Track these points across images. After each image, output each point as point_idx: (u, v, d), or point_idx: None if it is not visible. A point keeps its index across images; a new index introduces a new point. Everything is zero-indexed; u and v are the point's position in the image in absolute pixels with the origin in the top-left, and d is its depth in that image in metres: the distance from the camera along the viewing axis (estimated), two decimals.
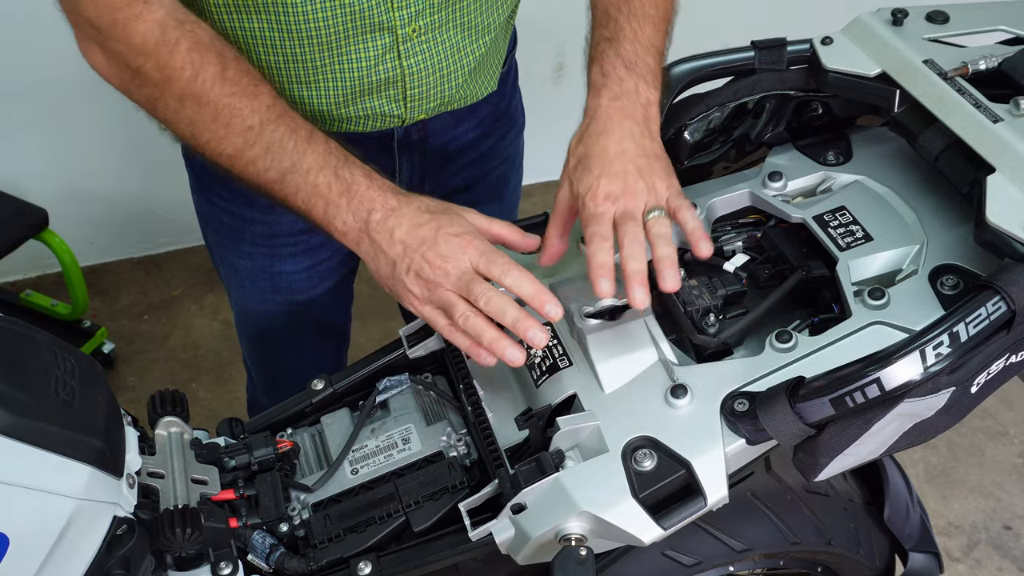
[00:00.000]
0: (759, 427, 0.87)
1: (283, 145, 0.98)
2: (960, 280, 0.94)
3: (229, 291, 1.42)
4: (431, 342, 1.08)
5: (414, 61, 1.12)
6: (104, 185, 2.61)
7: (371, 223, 0.97)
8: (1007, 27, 1.07)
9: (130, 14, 0.94)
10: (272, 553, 0.94)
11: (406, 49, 1.11)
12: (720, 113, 1.12)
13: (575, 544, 0.87)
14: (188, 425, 1.01)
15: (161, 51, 0.95)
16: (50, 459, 0.76)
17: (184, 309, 2.62)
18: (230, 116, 0.97)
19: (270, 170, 0.98)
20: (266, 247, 1.30)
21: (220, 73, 0.96)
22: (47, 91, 2.38)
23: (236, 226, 1.29)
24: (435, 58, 1.14)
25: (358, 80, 1.11)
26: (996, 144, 0.93)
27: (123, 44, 0.95)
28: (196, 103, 0.97)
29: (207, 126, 0.97)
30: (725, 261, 1.09)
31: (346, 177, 0.98)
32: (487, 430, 0.97)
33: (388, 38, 1.09)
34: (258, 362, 1.51)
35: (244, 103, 0.97)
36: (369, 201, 0.97)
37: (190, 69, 0.95)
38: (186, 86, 0.96)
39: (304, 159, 0.98)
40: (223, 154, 0.99)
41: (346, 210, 0.97)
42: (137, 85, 0.98)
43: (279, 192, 1.00)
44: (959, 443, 2.26)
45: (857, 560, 1.24)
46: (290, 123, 0.99)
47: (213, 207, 1.30)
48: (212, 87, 0.96)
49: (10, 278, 2.65)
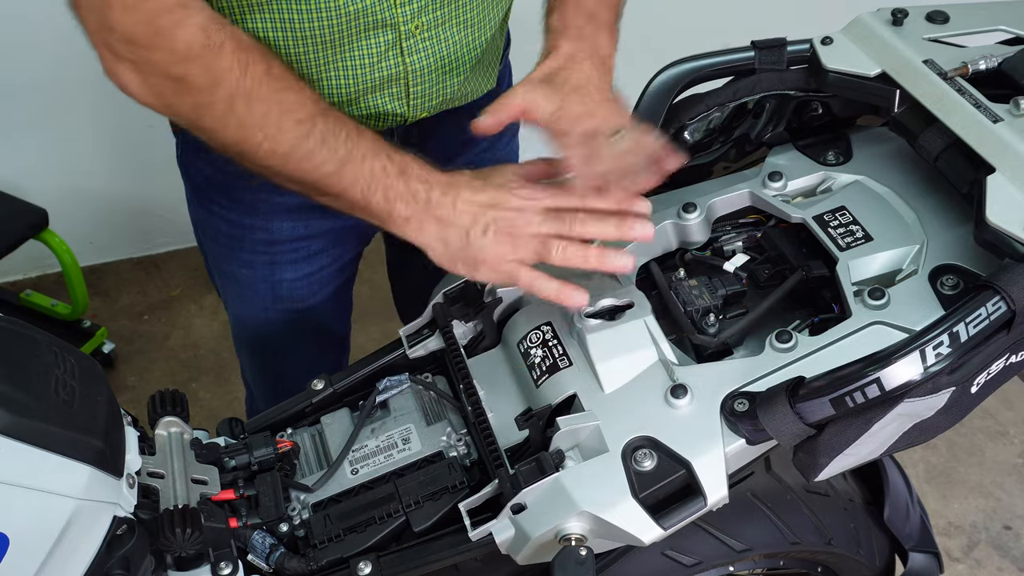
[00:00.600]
0: (759, 427, 0.87)
1: (336, 135, 0.97)
2: (960, 280, 0.94)
3: (227, 302, 1.41)
4: (431, 342, 1.08)
5: (417, 58, 1.13)
6: (104, 185, 2.61)
7: (432, 201, 0.97)
8: (1007, 27, 1.07)
9: (171, 20, 0.92)
10: (272, 553, 0.94)
11: (409, 46, 1.11)
12: (720, 113, 1.12)
13: (575, 544, 0.87)
14: (188, 425, 1.01)
15: (207, 55, 0.93)
16: (50, 459, 0.76)
17: (184, 309, 2.62)
18: (281, 112, 0.96)
19: (328, 162, 0.98)
20: (266, 254, 1.30)
21: (267, 70, 0.96)
22: (47, 91, 2.38)
23: (236, 234, 1.29)
24: (438, 55, 1.14)
25: (361, 78, 1.12)
26: (996, 144, 0.93)
27: (166, 52, 0.93)
28: (247, 102, 0.95)
29: (259, 126, 0.96)
30: (725, 261, 1.09)
31: (399, 160, 0.98)
32: (487, 430, 0.97)
33: (391, 35, 1.09)
34: (258, 373, 1.50)
35: (293, 97, 0.97)
36: (425, 180, 0.97)
37: (238, 69, 0.94)
38: (236, 86, 0.94)
39: (359, 146, 0.98)
40: (277, 152, 0.97)
41: (406, 192, 0.97)
42: (180, 95, 0.96)
43: (336, 185, 0.98)
44: (959, 443, 2.26)
45: (857, 560, 1.24)
46: (337, 115, 0.99)
47: (212, 216, 1.29)
48: (261, 84, 0.95)
49: (10, 278, 2.65)
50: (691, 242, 1.11)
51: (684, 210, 1.09)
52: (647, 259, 1.10)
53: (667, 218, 1.10)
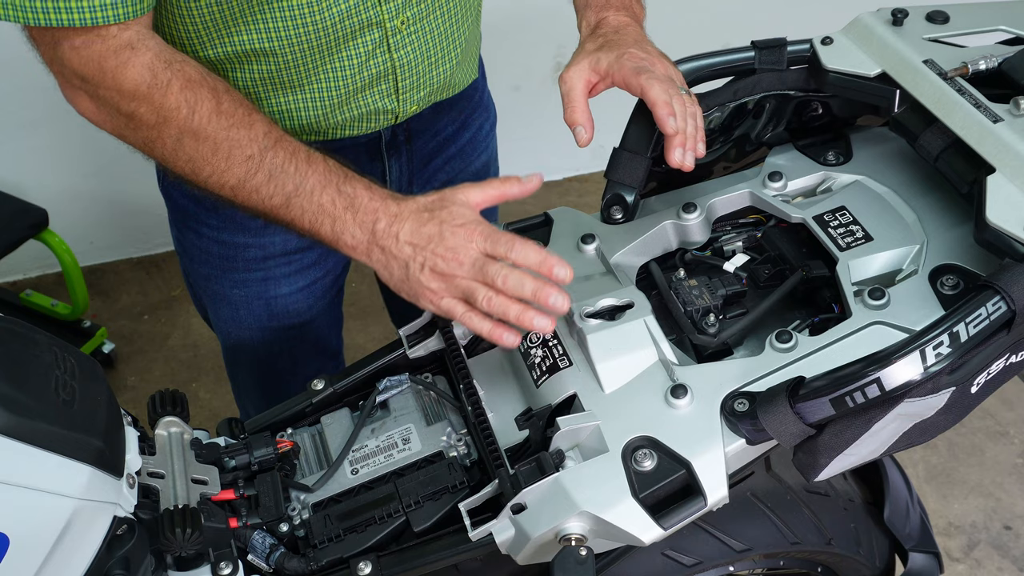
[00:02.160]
0: (759, 427, 0.87)
1: (285, 170, 0.99)
2: (960, 280, 0.94)
3: (218, 325, 1.40)
4: (431, 342, 1.08)
5: (404, 52, 1.14)
6: (104, 185, 2.60)
7: (377, 232, 0.97)
8: (1007, 27, 1.07)
9: (118, 62, 0.94)
10: (272, 553, 0.94)
11: (396, 41, 1.13)
12: (720, 113, 1.12)
13: (575, 544, 0.87)
14: (188, 425, 1.01)
15: (154, 94, 0.95)
16: (50, 459, 0.76)
17: (184, 309, 2.62)
18: (229, 148, 0.98)
19: (274, 196, 0.99)
20: (260, 270, 1.30)
21: (215, 107, 0.97)
22: (47, 91, 2.36)
23: (227, 254, 1.29)
24: (425, 46, 1.16)
25: (351, 79, 1.13)
26: (996, 144, 0.93)
27: (113, 91, 0.96)
28: (195, 140, 0.97)
29: (207, 161, 0.98)
30: (725, 261, 1.09)
31: (348, 192, 0.99)
32: (487, 430, 0.97)
33: (378, 33, 1.10)
34: (254, 395, 1.49)
35: (242, 133, 0.98)
36: (372, 212, 0.98)
37: (186, 108, 0.96)
38: (183, 124, 0.97)
39: (307, 181, 0.99)
40: (226, 186, 1.00)
41: (352, 224, 0.98)
42: (131, 129, 0.99)
43: (285, 216, 1.00)
44: (959, 443, 2.26)
45: (857, 560, 1.24)
46: (288, 147, 1.00)
47: (201, 238, 1.29)
48: (209, 122, 0.97)
49: (10, 278, 2.65)
50: (691, 242, 1.11)
51: (684, 210, 1.09)
52: (647, 259, 1.10)
53: (667, 218, 1.10)
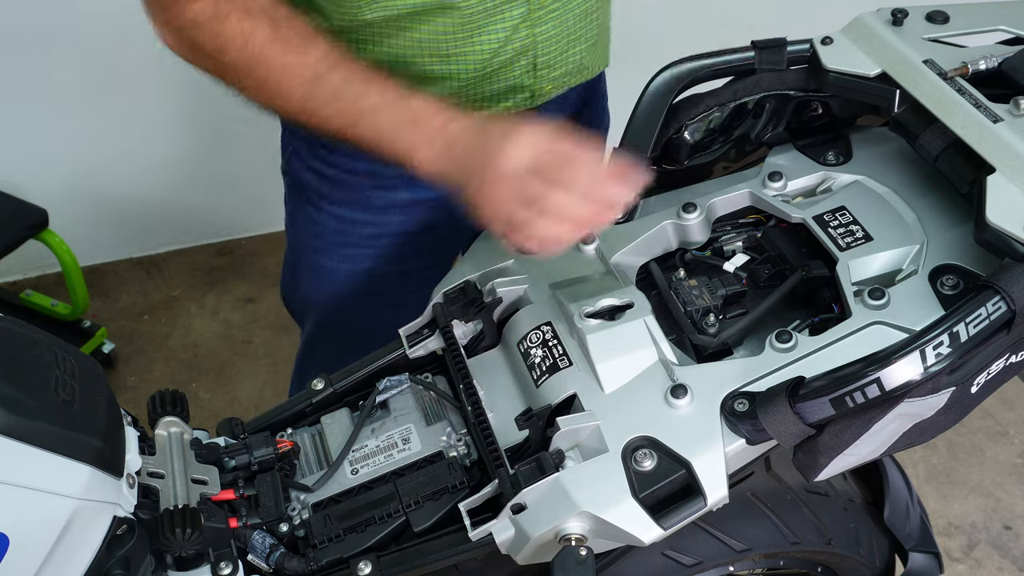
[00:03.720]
0: (759, 427, 0.87)
1: (346, 90, 1.01)
2: (960, 280, 0.94)
3: (311, 297, 1.42)
4: (431, 342, 1.08)
5: (545, 28, 1.18)
6: (104, 185, 2.60)
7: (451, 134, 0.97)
8: (1007, 27, 1.07)
9: None
10: (272, 553, 0.94)
11: (538, 17, 1.16)
12: (720, 113, 1.12)
13: (575, 544, 0.87)
14: (188, 425, 1.01)
15: (213, 24, 1.00)
16: (50, 459, 0.76)
17: (184, 309, 2.62)
18: (282, 73, 1.02)
19: (338, 116, 1.02)
20: (372, 248, 1.33)
21: (272, 35, 1.01)
22: (47, 91, 2.38)
23: (342, 229, 1.32)
24: (564, 24, 1.19)
25: (492, 53, 1.16)
26: (996, 144, 0.93)
27: (181, 20, 1.01)
28: (255, 67, 1.02)
29: (269, 87, 1.03)
30: (725, 261, 1.09)
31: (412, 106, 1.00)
32: (487, 430, 0.97)
33: (523, 7, 1.14)
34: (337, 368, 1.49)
35: (296, 59, 1.02)
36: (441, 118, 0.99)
37: (240, 38, 1.01)
38: (238, 53, 1.01)
39: (367, 98, 1.01)
40: (291, 111, 1.05)
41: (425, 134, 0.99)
42: (201, 58, 1.05)
43: (354, 135, 1.03)
44: (959, 443, 2.26)
45: (857, 560, 1.24)
46: (347, 70, 1.02)
47: (319, 212, 1.33)
48: (263, 49, 1.01)
49: (10, 278, 2.65)
50: (691, 242, 1.11)
51: (684, 210, 1.09)
52: (647, 259, 1.10)
53: (667, 218, 1.10)
